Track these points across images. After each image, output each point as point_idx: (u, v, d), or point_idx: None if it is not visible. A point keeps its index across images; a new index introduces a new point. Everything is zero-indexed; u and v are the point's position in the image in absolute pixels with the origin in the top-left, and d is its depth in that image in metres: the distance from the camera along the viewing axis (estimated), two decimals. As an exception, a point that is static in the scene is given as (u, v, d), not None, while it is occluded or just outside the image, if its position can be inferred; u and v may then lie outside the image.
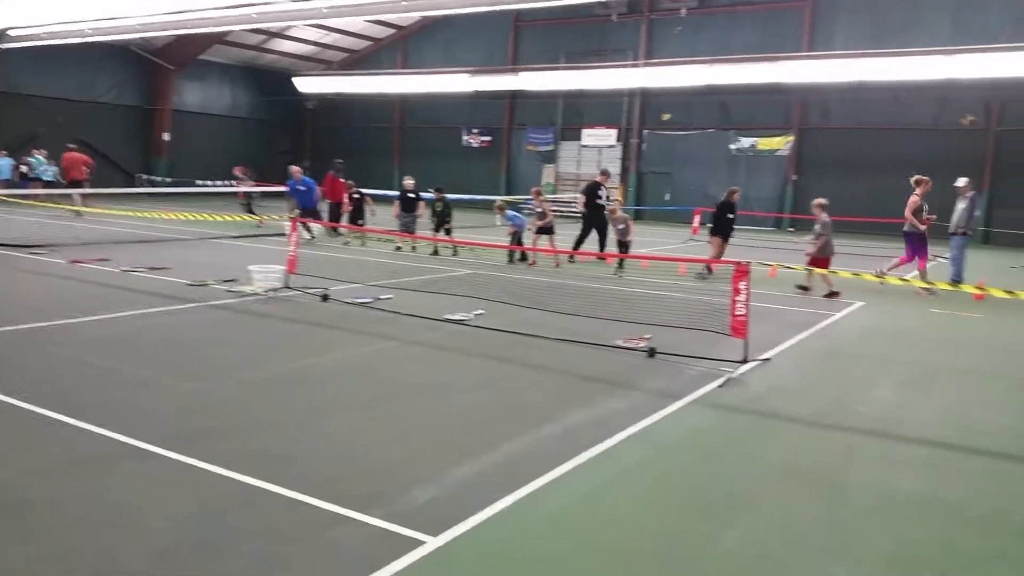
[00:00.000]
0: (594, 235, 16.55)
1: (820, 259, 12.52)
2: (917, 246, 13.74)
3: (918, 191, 13.72)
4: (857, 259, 16.50)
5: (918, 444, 5.89)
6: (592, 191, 16.92)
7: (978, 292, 8.95)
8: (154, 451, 4.99)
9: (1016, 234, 24.40)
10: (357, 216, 18.87)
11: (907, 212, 13.67)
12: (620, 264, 14.95)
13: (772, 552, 4.11)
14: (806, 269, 11.76)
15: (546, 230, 15.82)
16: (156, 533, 3.96)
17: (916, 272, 13.80)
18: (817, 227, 12.89)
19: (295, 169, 19.43)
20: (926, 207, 13.85)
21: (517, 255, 15.55)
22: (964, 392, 7.47)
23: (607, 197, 17.03)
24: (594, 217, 16.66)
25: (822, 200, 13.13)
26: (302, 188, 19.01)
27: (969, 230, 14.50)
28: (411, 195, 17.08)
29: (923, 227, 13.69)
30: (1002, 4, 25.09)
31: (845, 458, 5.53)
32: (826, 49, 27.03)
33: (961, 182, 14.49)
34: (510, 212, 16.03)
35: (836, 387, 7.47)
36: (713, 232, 15.11)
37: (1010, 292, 8.41)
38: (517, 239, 15.64)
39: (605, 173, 18.13)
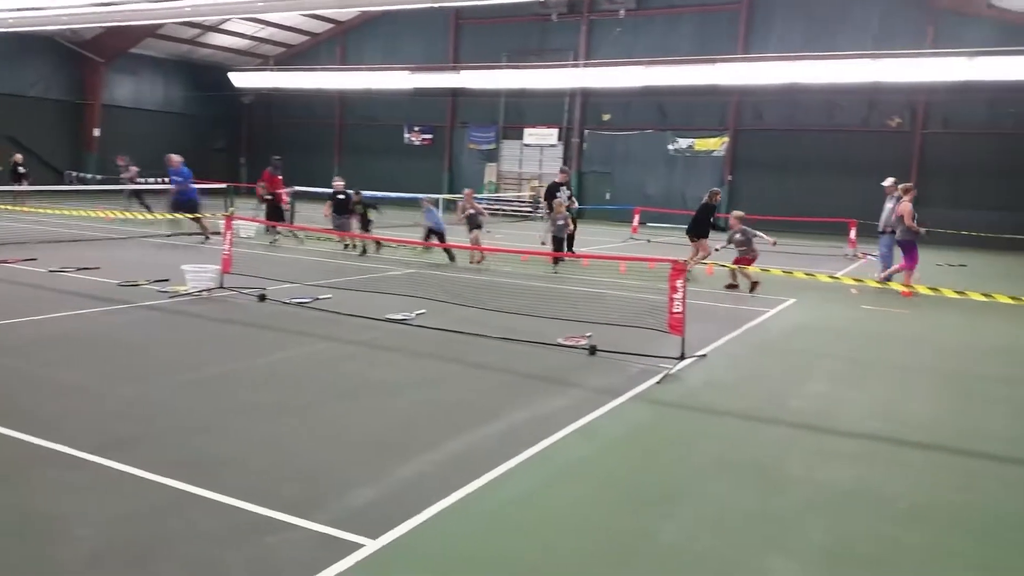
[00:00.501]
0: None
1: (744, 259, 13.43)
2: (911, 250, 13.91)
3: (907, 198, 13.88)
4: (792, 258, 16.91)
5: (850, 437, 6.06)
6: (552, 192, 16.88)
7: (906, 289, 9.26)
8: (81, 457, 4.82)
9: (942, 232, 25.29)
10: (275, 215, 18.46)
11: (907, 220, 13.60)
12: (556, 261, 15.06)
13: (708, 545, 4.17)
14: (732, 267, 11.97)
15: (475, 225, 15.69)
16: (82, 540, 3.83)
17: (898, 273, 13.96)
18: (738, 236, 13.76)
19: (173, 158, 17.33)
20: (915, 213, 14.03)
21: (455, 254, 15.42)
22: (894, 386, 7.70)
23: (568, 196, 16.83)
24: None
25: (740, 213, 14.27)
26: (179, 179, 17.06)
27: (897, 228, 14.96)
28: (341, 196, 16.72)
29: (923, 231, 13.86)
30: (926, 10, 25.99)
31: (779, 451, 5.65)
32: (760, 52, 27.64)
33: (888, 182, 14.96)
34: (429, 210, 15.92)
35: (770, 382, 7.64)
36: (698, 235, 14.85)
37: (935, 289, 8.71)
38: (440, 238, 15.44)
39: (564, 171, 17.97)
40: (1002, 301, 7.80)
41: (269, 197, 18.69)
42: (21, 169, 24.41)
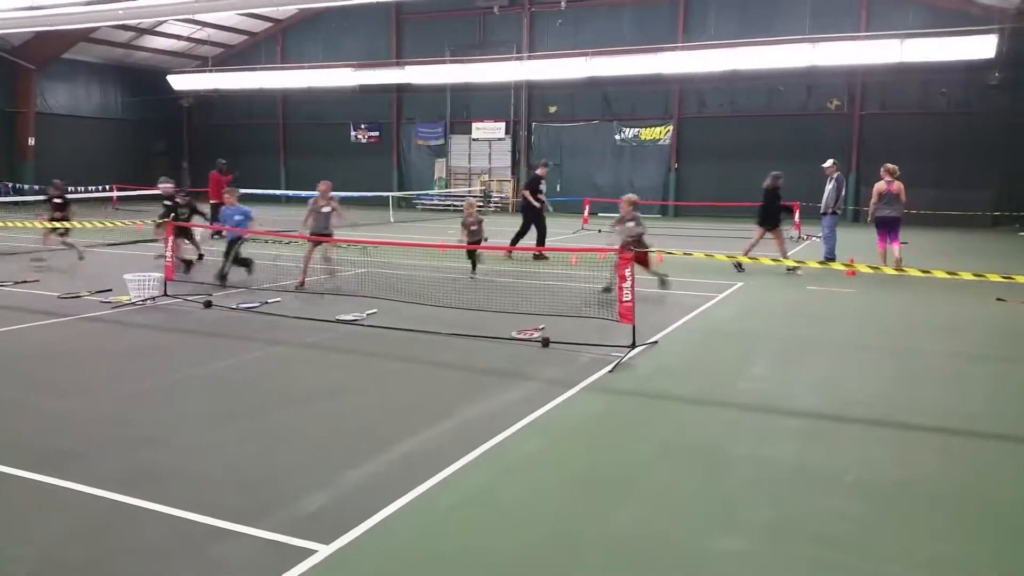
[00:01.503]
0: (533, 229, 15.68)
1: (641, 253, 10.96)
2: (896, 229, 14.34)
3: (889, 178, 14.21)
4: (738, 242, 17.15)
5: (794, 416, 6.19)
6: (534, 185, 16.08)
7: (849, 269, 9.46)
8: (18, 475, 4.69)
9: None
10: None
11: (903, 197, 14.15)
12: (474, 264, 12.99)
13: (659, 527, 4.23)
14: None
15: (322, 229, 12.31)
16: (22, 560, 3.73)
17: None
18: (631, 224, 11.70)
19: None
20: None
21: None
22: (836, 364, 7.89)
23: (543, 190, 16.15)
24: (534, 211, 15.80)
25: (633, 196, 12.22)
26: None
27: (838, 209, 15.34)
28: (168, 202, 13.95)
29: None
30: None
31: (726, 433, 5.75)
32: (699, 40, 27.98)
33: (827, 164, 15.29)
34: (227, 209, 12.69)
35: (718, 366, 7.76)
36: (770, 223, 14.26)
37: (875, 268, 8.93)
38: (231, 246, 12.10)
39: (545, 164, 17.15)
40: (940, 277, 8.02)
41: (213, 202, 18.33)
42: None
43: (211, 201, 19.14)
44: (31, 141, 32.55)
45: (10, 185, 30.25)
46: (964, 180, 25.63)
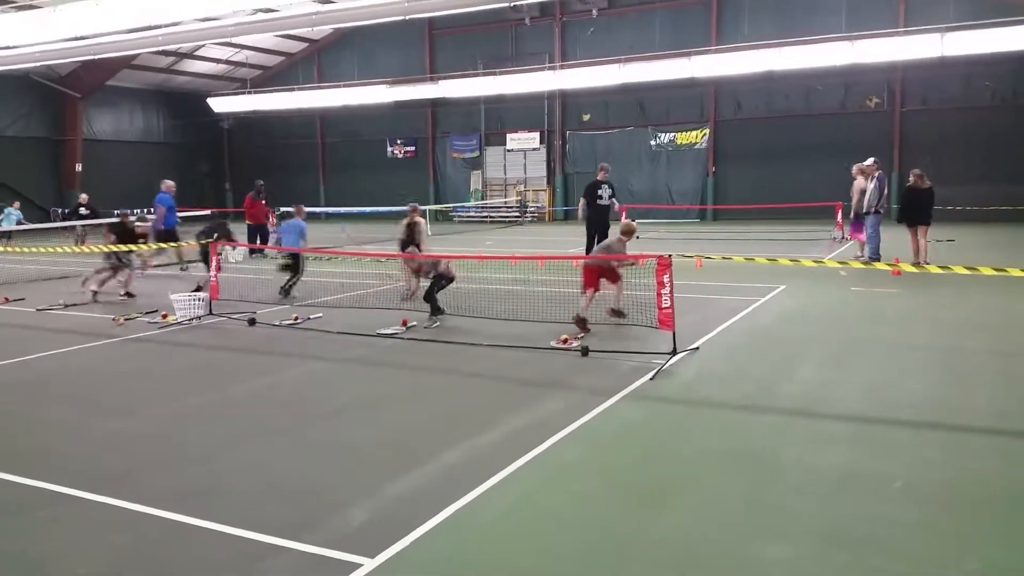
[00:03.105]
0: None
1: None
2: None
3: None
4: (779, 244, 16.94)
5: (842, 420, 6.08)
6: (592, 190, 15.30)
7: (894, 269, 9.28)
8: (71, 494, 4.81)
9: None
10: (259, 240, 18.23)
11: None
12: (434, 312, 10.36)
13: (704, 534, 4.19)
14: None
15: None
16: (81, 580, 3.83)
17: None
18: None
19: (167, 182, 16.99)
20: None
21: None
22: (883, 366, 7.73)
23: (609, 196, 15.29)
24: (596, 218, 15.11)
25: (633, 225, 10.11)
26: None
27: (881, 208, 15.09)
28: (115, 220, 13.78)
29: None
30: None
31: (771, 439, 5.67)
32: (734, 42, 27.73)
33: (868, 162, 15.05)
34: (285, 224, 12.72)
35: (762, 370, 7.66)
36: (918, 221, 14.60)
37: (919, 266, 8.75)
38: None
39: (604, 168, 16.25)
40: (987, 274, 7.83)
41: (249, 223, 18.63)
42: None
43: (247, 223, 19.47)
44: (78, 167, 33.46)
45: (59, 211, 31.09)
46: (1013, 174, 24.96)
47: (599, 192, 15.17)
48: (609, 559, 3.97)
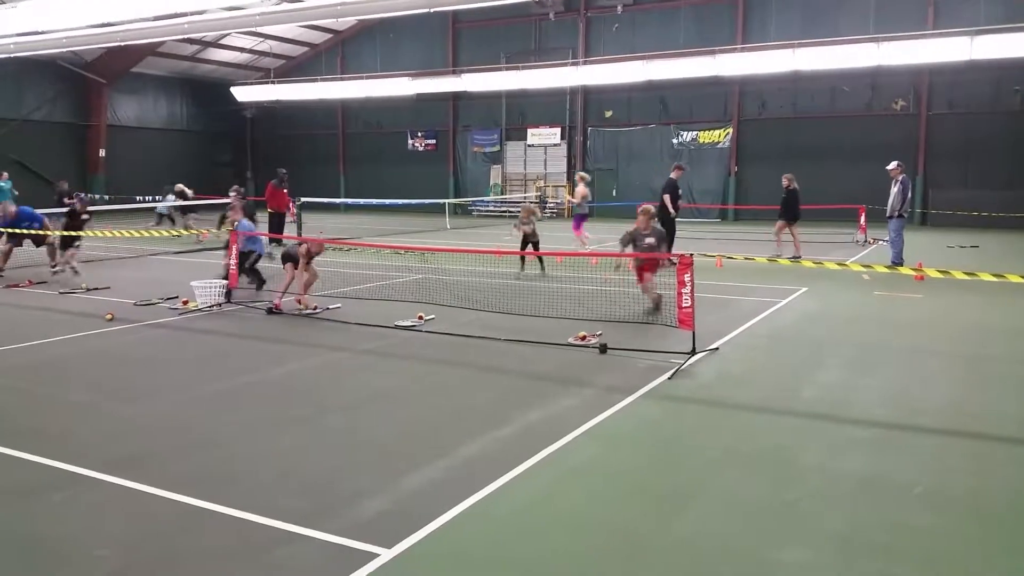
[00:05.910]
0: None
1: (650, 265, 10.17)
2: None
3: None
4: (802, 246, 16.79)
5: (863, 425, 6.01)
6: (675, 189, 15.37)
7: (917, 273, 9.15)
8: (90, 475, 4.84)
9: (951, 214, 25.13)
10: (278, 229, 18.18)
11: None
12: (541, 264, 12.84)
13: (721, 536, 4.14)
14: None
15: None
16: (101, 561, 3.84)
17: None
18: (649, 240, 10.43)
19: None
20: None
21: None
22: (905, 371, 7.64)
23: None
24: (670, 218, 14.98)
25: (651, 208, 10.97)
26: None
27: (904, 212, 14.91)
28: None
29: None
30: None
31: (791, 441, 5.61)
32: (760, 41, 27.51)
33: (891, 166, 14.88)
34: (244, 222, 12.02)
35: (783, 372, 7.59)
36: (797, 218, 15.84)
37: (945, 272, 8.62)
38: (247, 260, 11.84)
39: (679, 167, 16.31)
40: (1015, 281, 7.71)
41: (271, 211, 18.62)
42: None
43: (268, 211, 19.50)
44: (102, 153, 33.74)
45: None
46: (1040, 181, 24.62)
47: (680, 191, 15.89)
48: (625, 558, 3.94)
